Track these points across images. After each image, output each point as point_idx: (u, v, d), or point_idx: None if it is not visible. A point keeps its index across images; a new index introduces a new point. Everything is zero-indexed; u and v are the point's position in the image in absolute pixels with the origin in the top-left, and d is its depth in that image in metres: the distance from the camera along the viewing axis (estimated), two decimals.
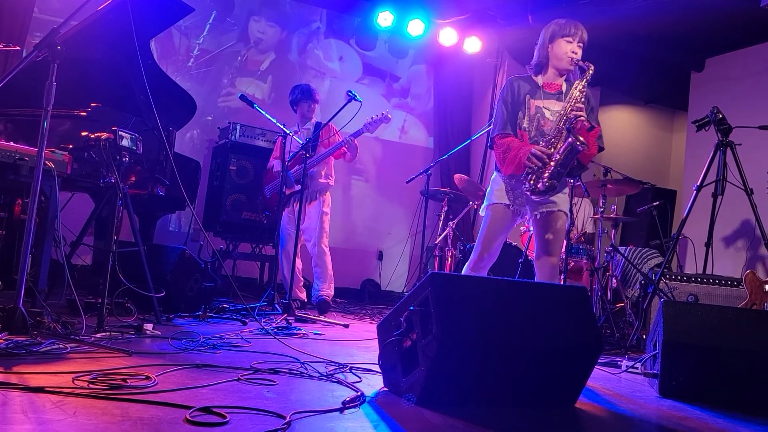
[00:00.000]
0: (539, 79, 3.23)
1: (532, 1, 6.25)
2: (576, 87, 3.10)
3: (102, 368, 2.17)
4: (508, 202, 3.18)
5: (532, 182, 3.03)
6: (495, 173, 3.28)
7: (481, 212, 3.35)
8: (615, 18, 5.94)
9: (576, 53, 3.13)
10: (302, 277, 5.04)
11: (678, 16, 5.92)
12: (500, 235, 3.23)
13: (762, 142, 5.37)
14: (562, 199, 3.20)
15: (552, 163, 2.99)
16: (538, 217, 3.18)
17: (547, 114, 3.15)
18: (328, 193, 4.99)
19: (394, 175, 7.11)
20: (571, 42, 3.13)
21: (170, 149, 3.79)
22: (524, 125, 3.15)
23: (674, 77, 7.45)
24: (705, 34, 6.46)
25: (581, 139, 2.96)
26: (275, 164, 5.03)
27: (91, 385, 1.94)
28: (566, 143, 2.98)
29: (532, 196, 3.06)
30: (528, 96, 3.17)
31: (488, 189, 3.30)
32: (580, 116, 3.03)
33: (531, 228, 3.36)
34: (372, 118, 4.80)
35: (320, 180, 4.91)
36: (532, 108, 3.16)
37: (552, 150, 3.02)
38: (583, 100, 3.09)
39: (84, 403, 1.77)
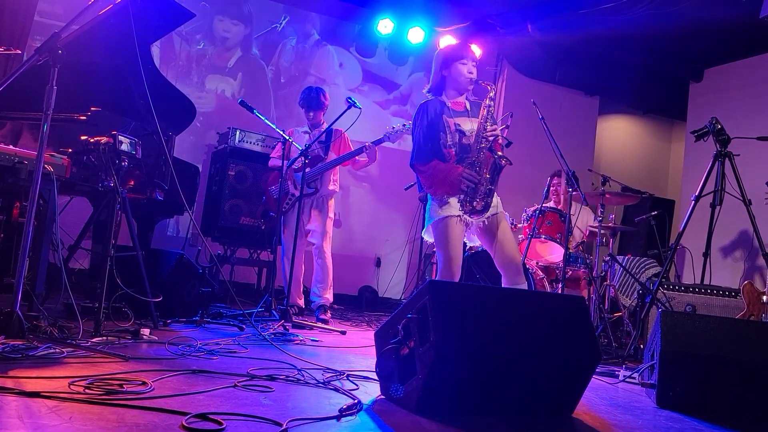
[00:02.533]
0: (444, 99, 3.39)
1: (532, 11, 6.28)
2: (483, 107, 3.29)
3: (98, 373, 2.17)
4: (458, 214, 3.27)
5: (467, 204, 3.21)
6: (429, 196, 3.38)
7: (424, 234, 3.44)
8: (614, 28, 5.97)
9: (472, 73, 3.34)
10: (302, 283, 5.03)
11: (677, 27, 5.94)
12: (460, 248, 3.32)
13: (760, 152, 5.38)
14: (496, 201, 3.34)
15: (483, 182, 3.20)
16: (486, 223, 3.30)
17: (465, 131, 3.30)
18: (333, 199, 5.00)
19: (393, 181, 7.11)
20: (466, 63, 3.34)
21: (169, 154, 3.78)
22: (449, 143, 3.29)
23: (673, 87, 7.48)
24: (703, 44, 6.49)
25: (500, 154, 3.20)
26: (279, 165, 4.91)
27: (87, 390, 1.93)
28: (491, 163, 3.21)
29: (472, 216, 3.24)
30: (443, 115, 3.32)
31: (429, 208, 3.38)
32: (497, 134, 3.24)
33: (477, 240, 3.45)
34: (394, 127, 4.80)
35: (329, 186, 4.91)
36: (451, 125, 3.31)
37: (478, 169, 3.20)
38: (489, 118, 3.27)
39: (80, 408, 1.76)
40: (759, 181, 4.76)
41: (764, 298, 3.80)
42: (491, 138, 3.22)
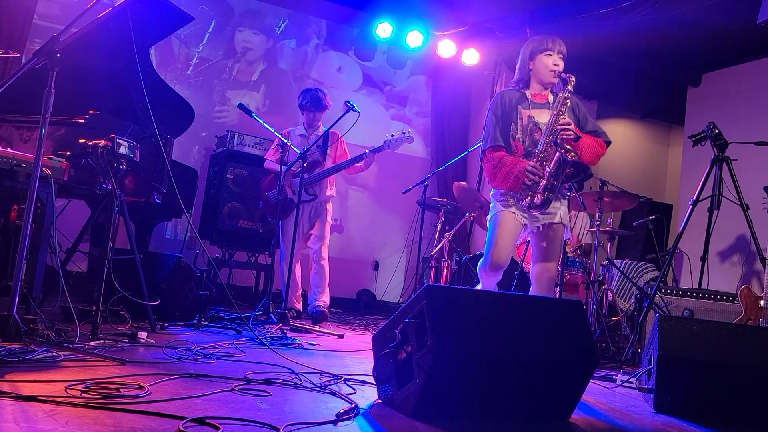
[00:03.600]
0: (527, 92, 3.33)
1: (530, 15, 6.28)
2: (559, 99, 3.20)
3: (95, 377, 2.16)
4: (515, 212, 3.23)
5: (528, 198, 3.14)
6: (493, 189, 3.33)
7: (488, 220, 3.36)
8: (612, 33, 5.98)
9: (558, 65, 3.24)
10: (301, 287, 5.03)
11: (674, 32, 5.96)
12: (511, 242, 3.25)
13: (758, 157, 5.40)
14: (561, 211, 3.28)
15: (545, 176, 3.11)
16: (541, 229, 3.25)
17: (540, 125, 3.23)
18: (330, 203, 5.02)
19: (391, 185, 7.12)
20: (551, 55, 3.25)
21: (168, 157, 3.78)
22: (518, 136, 3.24)
23: (670, 92, 7.49)
24: (701, 49, 6.51)
25: (568, 148, 3.08)
26: (277, 168, 4.88)
27: (83, 394, 1.93)
28: (555, 156, 3.10)
29: (531, 210, 3.15)
30: (519, 106, 3.26)
31: (490, 207, 3.35)
32: (566, 129, 3.12)
33: (529, 240, 3.42)
34: (393, 135, 4.81)
35: (327, 192, 4.94)
36: (525, 118, 3.25)
37: (544, 164, 3.13)
38: (565, 111, 3.18)
39: (76, 412, 1.76)
40: (756, 186, 4.77)
41: (762, 302, 3.80)
42: (557, 131, 3.11)
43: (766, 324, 3.73)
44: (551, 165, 3.11)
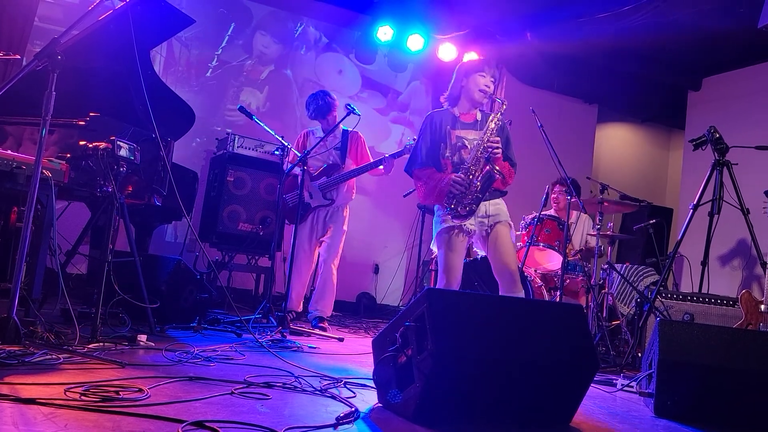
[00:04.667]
0: (455, 111, 3.49)
1: (531, 19, 6.30)
2: (492, 119, 3.37)
3: (94, 380, 2.16)
4: (455, 224, 3.36)
5: (453, 207, 3.29)
6: (435, 209, 3.48)
7: (432, 247, 3.57)
8: (613, 36, 5.99)
9: (489, 87, 3.44)
10: (308, 286, 4.98)
11: (675, 36, 5.97)
12: (460, 258, 3.40)
13: (758, 162, 5.40)
14: (502, 210, 3.45)
15: (472, 189, 3.27)
16: (489, 231, 3.40)
17: (467, 143, 3.40)
18: (347, 209, 4.87)
19: (392, 189, 7.11)
20: (484, 77, 3.43)
21: (168, 159, 3.78)
22: (447, 154, 3.41)
23: (671, 96, 7.50)
24: (702, 53, 6.52)
25: (497, 168, 3.26)
26: (297, 172, 4.72)
27: (83, 397, 1.92)
28: (485, 171, 3.27)
29: (454, 220, 3.32)
30: (448, 127, 3.44)
31: (434, 221, 3.49)
32: (497, 148, 3.29)
33: (477, 246, 3.56)
34: (413, 141, 4.77)
35: (344, 195, 4.81)
36: (453, 138, 3.42)
37: (471, 177, 3.29)
38: (496, 132, 3.35)
39: (75, 415, 1.75)
40: (757, 190, 4.76)
41: (762, 307, 3.80)
42: (491, 149, 3.29)
43: (766, 328, 3.72)
44: (479, 179, 3.27)
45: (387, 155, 4.72)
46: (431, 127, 3.47)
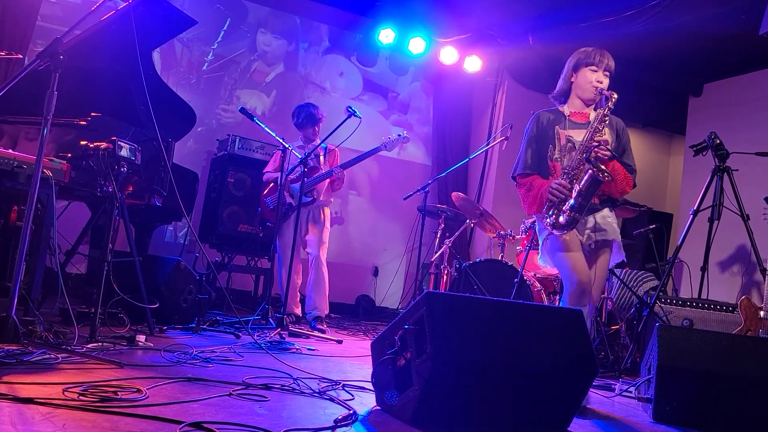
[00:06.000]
0: (565, 109, 3.10)
1: (533, 22, 6.30)
2: (597, 116, 2.96)
3: (93, 380, 2.16)
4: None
5: (553, 216, 2.89)
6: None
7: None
8: (614, 41, 5.95)
9: (601, 82, 2.99)
10: (299, 292, 5.03)
11: (676, 41, 5.97)
12: (581, 254, 2.96)
13: (759, 168, 5.40)
14: (611, 226, 3.02)
15: (573, 195, 2.84)
16: (593, 246, 3.00)
17: (576, 142, 2.99)
18: (328, 208, 5.05)
19: (392, 191, 7.12)
20: (596, 71, 3.00)
21: (169, 160, 3.78)
22: (555, 156, 3.02)
23: (672, 101, 7.50)
24: (703, 59, 6.52)
25: (602, 167, 2.82)
26: (276, 177, 4.97)
27: (81, 397, 1.92)
28: (587, 174, 2.82)
29: (554, 231, 2.91)
30: (556, 126, 3.05)
31: (537, 230, 3.14)
32: (600, 147, 2.88)
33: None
34: (390, 138, 4.85)
35: (322, 196, 4.98)
36: (562, 138, 3.02)
37: (574, 182, 2.87)
38: (603, 128, 2.95)
39: (73, 415, 1.75)
40: (757, 196, 4.77)
41: (761, 313, 3.80)
42: (591, 148, 2.88)
43: (765, 335, 3.72)
44: (582, 184, 2.83)
45: (336, 167, 4.88)
46: (537, 127, 3.07)
